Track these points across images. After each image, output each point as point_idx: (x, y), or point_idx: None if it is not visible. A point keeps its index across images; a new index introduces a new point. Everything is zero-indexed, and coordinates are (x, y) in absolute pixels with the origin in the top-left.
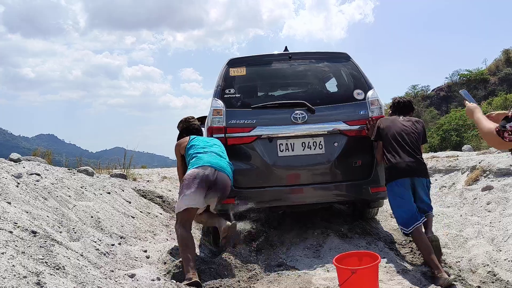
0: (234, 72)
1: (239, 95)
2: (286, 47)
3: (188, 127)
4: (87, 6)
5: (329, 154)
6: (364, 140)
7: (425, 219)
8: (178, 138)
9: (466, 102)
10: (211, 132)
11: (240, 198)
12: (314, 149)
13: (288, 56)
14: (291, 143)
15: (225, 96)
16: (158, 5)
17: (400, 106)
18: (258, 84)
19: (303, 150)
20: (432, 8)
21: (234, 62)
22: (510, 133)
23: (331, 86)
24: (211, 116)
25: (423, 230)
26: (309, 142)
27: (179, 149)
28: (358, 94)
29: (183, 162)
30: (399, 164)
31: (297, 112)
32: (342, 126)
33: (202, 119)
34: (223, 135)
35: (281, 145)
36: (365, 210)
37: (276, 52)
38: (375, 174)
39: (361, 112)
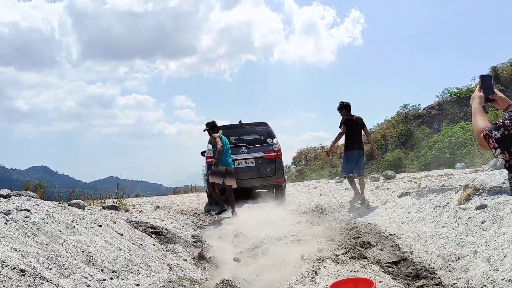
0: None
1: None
2: (240, 120)
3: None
4: (81, 37)
5: (257, 166)
6: (272, 160)
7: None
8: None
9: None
10: (207, 160)
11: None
12: (250, 164)
13: (240, 125)
14: (240, 161)
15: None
16: (150, 35)
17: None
18: (227, 137)
19: (246, 164)
20: (419, 28)
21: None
22: (494, 140)
23: (258, 136)
24: (207, 151)
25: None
26: (248, 161)
27: None
28: (269, 140)
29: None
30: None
31: (242, 148)
32: (262, 154)
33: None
34: (211, 160)
35: (236, 162)
36: (277, 191)
37: (235, 123)
38: (276, 173)
39: (270, 148)
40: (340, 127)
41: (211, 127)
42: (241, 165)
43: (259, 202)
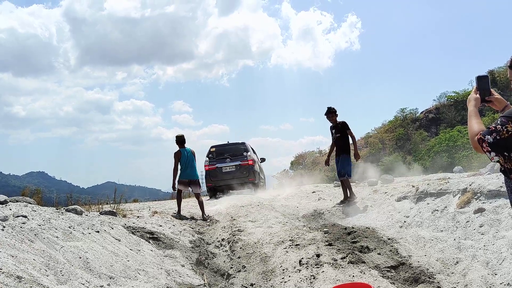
0: (212, 149)
1: (213, 156)
2: (228, 140)
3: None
4: (78, 43)
5: (237, 171)
6: (246, 166)
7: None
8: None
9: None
10: (205, 168)
11: (212, 185)
12: (232, 169)
13: (228, 144)
14: (226, 168)
15: (209, 156)
16: (148, 41)
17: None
18: (219, 152)
19: (230, 169)
20: (417, 32)
21: (212, 146)
22: (487, 144)
23: (238, 151)
24: (205, 161)
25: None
26: (232, 167)
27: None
28: (244, 153)
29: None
30: None
31: (227, 159)
32: (240, 163)
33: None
34: (208, 167)
35: (223, 168)
36: (253, 186)
37: (224, 143)
38: (250, 175)
39: (245, 159)
40: (349, 131)
41: (176, 141)
42: (227, 170)
43: (258, 206)
